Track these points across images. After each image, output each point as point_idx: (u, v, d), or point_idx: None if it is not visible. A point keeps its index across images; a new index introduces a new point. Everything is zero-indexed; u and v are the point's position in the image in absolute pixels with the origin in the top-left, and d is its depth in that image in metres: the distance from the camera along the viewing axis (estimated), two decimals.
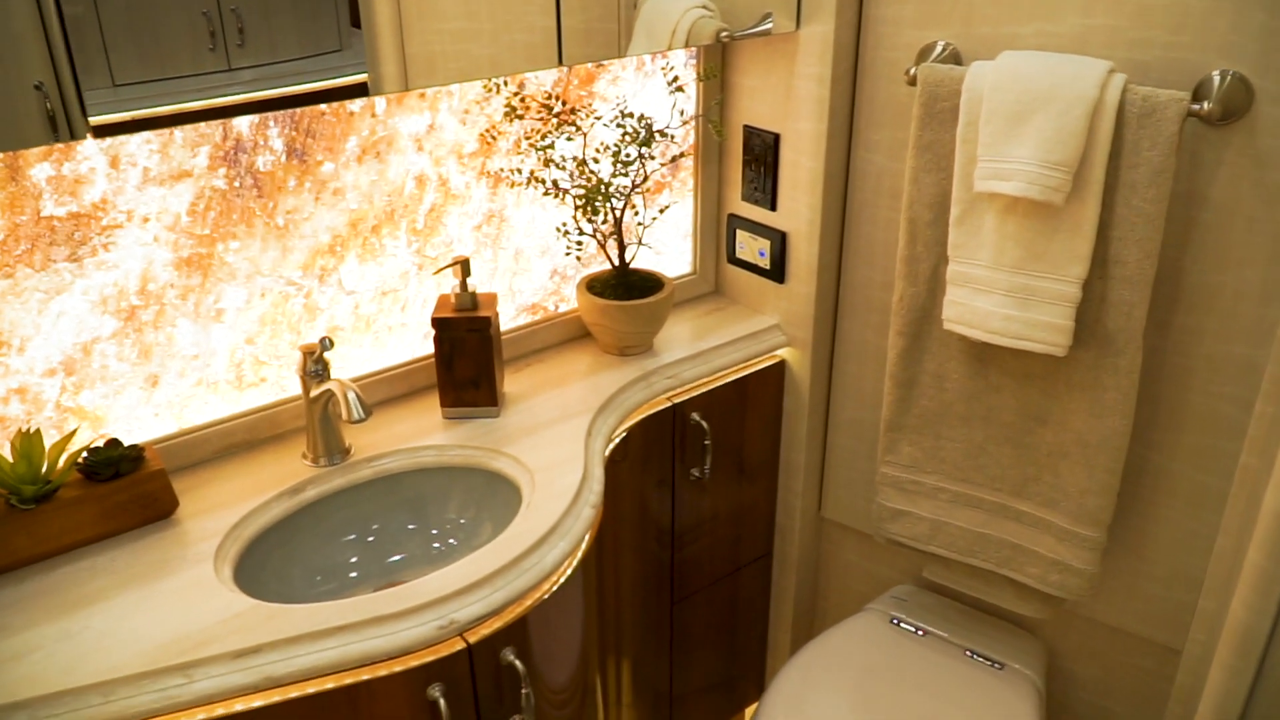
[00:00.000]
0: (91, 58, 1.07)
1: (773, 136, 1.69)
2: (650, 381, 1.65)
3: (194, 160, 1.30)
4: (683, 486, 1.73)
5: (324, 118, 1.38)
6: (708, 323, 1.81)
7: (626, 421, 1.59)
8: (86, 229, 1.25)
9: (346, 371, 1.52)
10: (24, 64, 1.02)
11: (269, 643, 1.13)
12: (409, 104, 1.45)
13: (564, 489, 1.36)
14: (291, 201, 1.39)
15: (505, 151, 1.56)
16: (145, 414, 1.38)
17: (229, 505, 1.33)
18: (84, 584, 1.21)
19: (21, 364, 1.26)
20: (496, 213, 1.60)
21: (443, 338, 1.48)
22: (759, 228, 1.76)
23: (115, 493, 1.26)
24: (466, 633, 1.20)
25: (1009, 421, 1.56)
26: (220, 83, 1.16)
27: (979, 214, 1.45)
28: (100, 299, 1.29)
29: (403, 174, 1.48)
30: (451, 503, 1.46)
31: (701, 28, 1.56)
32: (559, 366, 1.67)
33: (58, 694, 1.06)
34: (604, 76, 1.63)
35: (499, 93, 1.51)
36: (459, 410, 1.52)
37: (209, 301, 1.37)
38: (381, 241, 1.49)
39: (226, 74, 1.16)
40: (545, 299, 1.72)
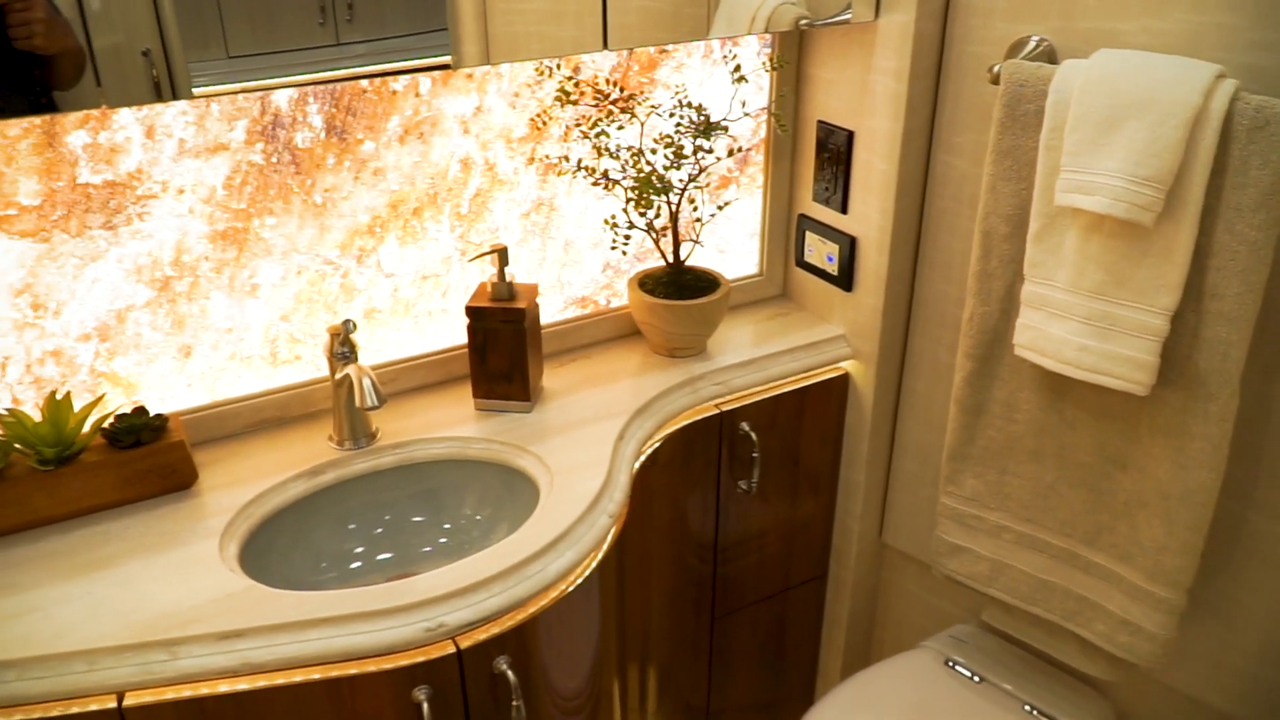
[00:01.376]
0: (208, 29, 1.11)
1: (846, 134, 1.58)
2: (696, 387, 1.57)
3: (231, 134, 1.29)
4: (729, 499, 1.65)
5: (365, 95, 1.35)
6: (769, 328, 1.72)
7: (667, 428, 1.51)
8: (122, 198, 1.26)
9: (383, 355, 1.50)
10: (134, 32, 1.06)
11: (252, 628, 1.11)
12: (455, 84, 1.40)
13: (581, 495, 1.30)
14: (330, 180, 1.37)
15: (557, 138, 1.50)
16: (178, 384, 1.38)
17: (248, 482, 1.33)
18: (95, 549, 1.22)
19: (57, 327, 1.28)
20: (546, 201, 1.54)
21: (476, 327, 1.44)
22: (829, 231, 1.65)
23: (135, 460, 1.27)
24: (459, 637, 1.16)
25: (1083, 462, 1.41)
26: (328, 57, 1.18)
27: (1059, 230, 1.31)
28: (135, 268, 1.30)
29: (447, 156, 1.44)
30: (469, 498, 1.43)
31: (783, 14, 1.47)
32: (604, 364, 1.60)
33: (45, 657, 1.07)
34: (667, 63, 1.56)
35: (552, 76, 1.45)
36: (490, 403, 1.48)
37: (244, 276, 1.37)
38: (423, 225, 1.46)
39: (334, 49, 1.18)
40: (596, 293, 1.66)
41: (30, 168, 1.19)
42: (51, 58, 1.01)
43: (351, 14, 1.20)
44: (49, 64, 1.02)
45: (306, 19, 1.16)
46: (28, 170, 1.19)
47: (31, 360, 1.28)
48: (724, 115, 1.52)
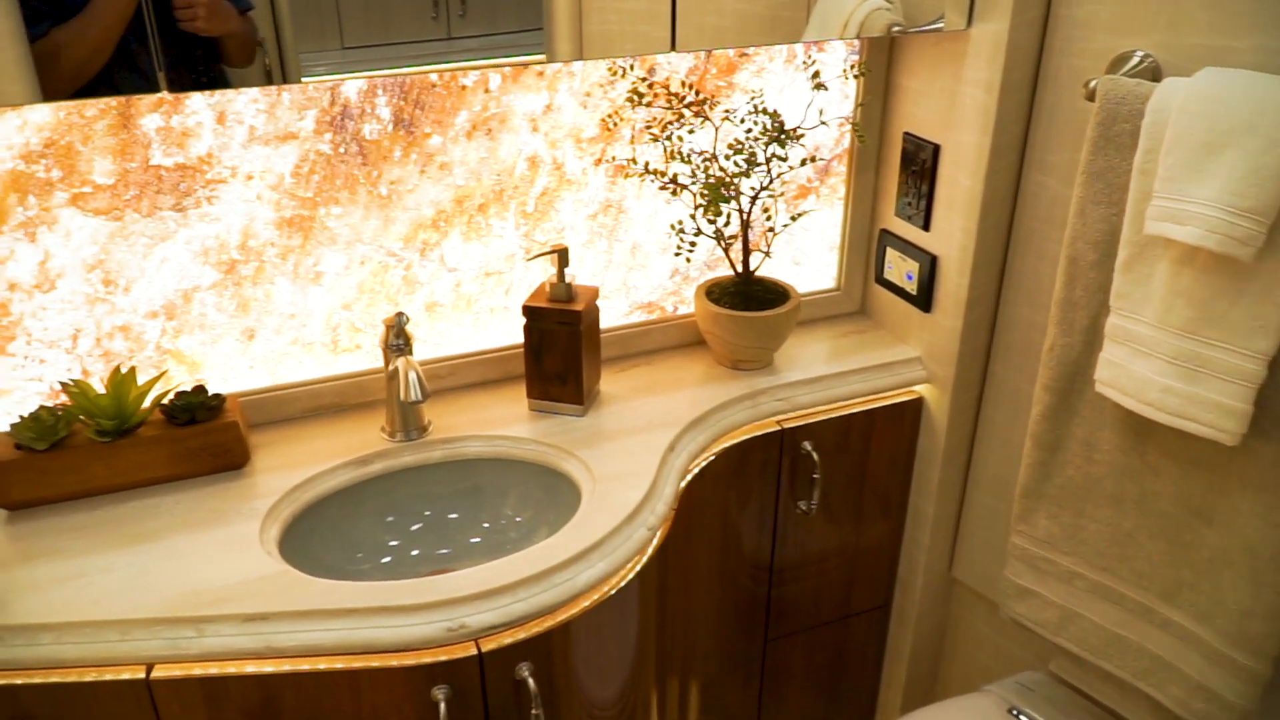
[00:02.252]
0: (325, 20, 1.14)
1: (933, 147, 1.50)
2: (757, 401, 1.52)
3: (300, 123, 1.31)
4: (786, 519, 1.59)
5: (434, 89, 1.35)
6: (842, 345, 1.65)
7: (723, 441, 1.47)
8: (192, 181, 1.29)
9: (442, 349, 1.51)
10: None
11: (277, 612, 1.12)
12: (525, 82, 1.39)
13: (621, 505, 1.28)
14: (396, 172, 1.38)
15: (628, 139, 1.48)
16: (240, 365, 1.41)
17: (299, 466, 1.35)
18: (144, 521, 1.25)
19: (126, 304, 1.32)
20: (614, 203, 1.52)
21: (532, 327, 1.42)
22: (909, 248, 1.58)
23: (189, 438, 1.30)
24: (481, 640, 1.15)
25: (1165, 511, 1.31)
26: (438, 50, 1.20)
27: (1149, 261, 1.21)
28: (202, 250, 1.33)
29: (514, 154, 1.43)
30: (511, 498, 1.41)
31: (876, 20, 1.41)
32: (665, 372, 1.57)
33: (81, 623, 1.10)
34: (747, 67, 1.51)
35: (625, 76, 1.43)
36: (543, 404, 1.46)
37: (308, 263, 1.39)
38: (487, 221, 1.46)
39: (445, 42, 1.20)
40: (663, 299, 1.62)
41: (105, 148, 1.23)
42: (216, 40, 1.06)
43: (465, 9, 1.22)
44: (216, 45, 1.07)
45: (420, 13, 1.18)
46: (103, 150, 1.23)
47: (101, 334, 1.33)
48: (800, 123, 1.46)
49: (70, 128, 1.21)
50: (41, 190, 1.23)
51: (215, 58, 1.08)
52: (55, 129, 1.20)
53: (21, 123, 1.19)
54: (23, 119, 1.19)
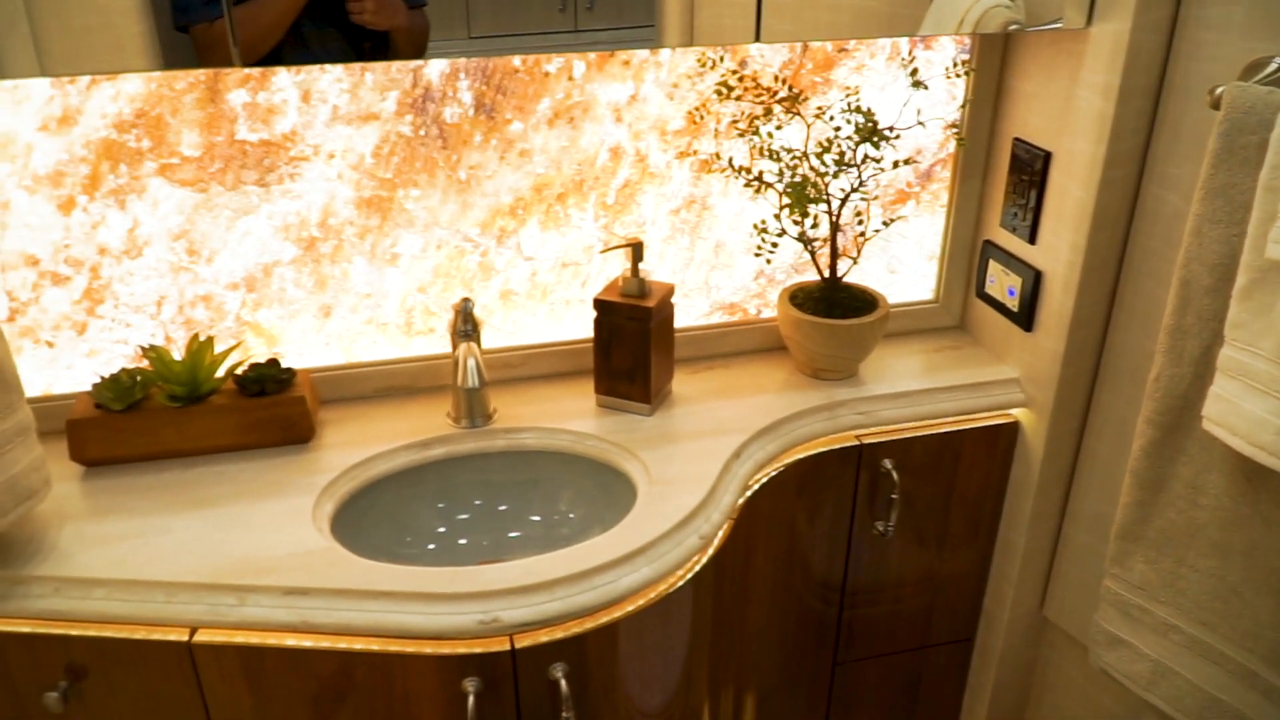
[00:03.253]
0: (452, 9, 1.16)
1: (1043, 155, 1.40)
2: (835, 413, 1.45)
3: (382, 104, 1.31)
4: (861, 540, 1.51)
5: (517, 75, 1.33)
6: (935, 361, 1.56)
7: (796, 453, 1.40)
8: (275, 157, 1.31)
9: (516, 338, 1.49)
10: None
11: (316, 588, 1.12)
12: (611, 71, 1.36)
13: (673, 510, 1.23)
14: (476, 157, 1.37)
15: (716, 133, 1.43)
16: (316, 341, 1.43)
17: (362, 445, 1.36)
18: (207, 486, 1.28)
19: (209, 274, 1.36)
20: (699, 199, 1.47)
21: (602, 321, 1.39)
22: (1013, 261, 1.48)
23: (258, 409, 1.32)
24: (516, 636, 1.12)
25: (1277, 567, 1.18)
26: (564, 42, 1.22)
27: (1271, 289, 1.09)
28: (283, 225, 1.35)
29: (596, 144, 1.40)
30: (566, 494, 1.39)
31: (993, 16, 1.33)
32: (742, 376, 1.51)
33: (132, 581, 1.13)
34: (846, 63, 1.44)
35: (714, 68, 1.38)
36: (610, 400, 1.43)
37: (385, 244, 1.39)
38: (566, 211, 1.43)
39: (571, 34, 1.20)
40: (746, 300, 1.57)
41: (193, 120, 1.26)
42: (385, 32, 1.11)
43: (592, 2, 1.21)
44: (386, 37, 1.11)
45: (549, 4, 1.18)
46: (191, 123, 1.26)
47: (184, 302, 1.36)
48: (895, 123, 1.38)
49: (160, 99, 1.24)
50: (132, 159, 1.27)
51: (384, 49, 1.12)
52: (146, 100, 1.24)
53: (115, 92, 1.23)
54: (116, 89, 1.23)
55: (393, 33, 1.11)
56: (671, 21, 1.25)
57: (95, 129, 1.24)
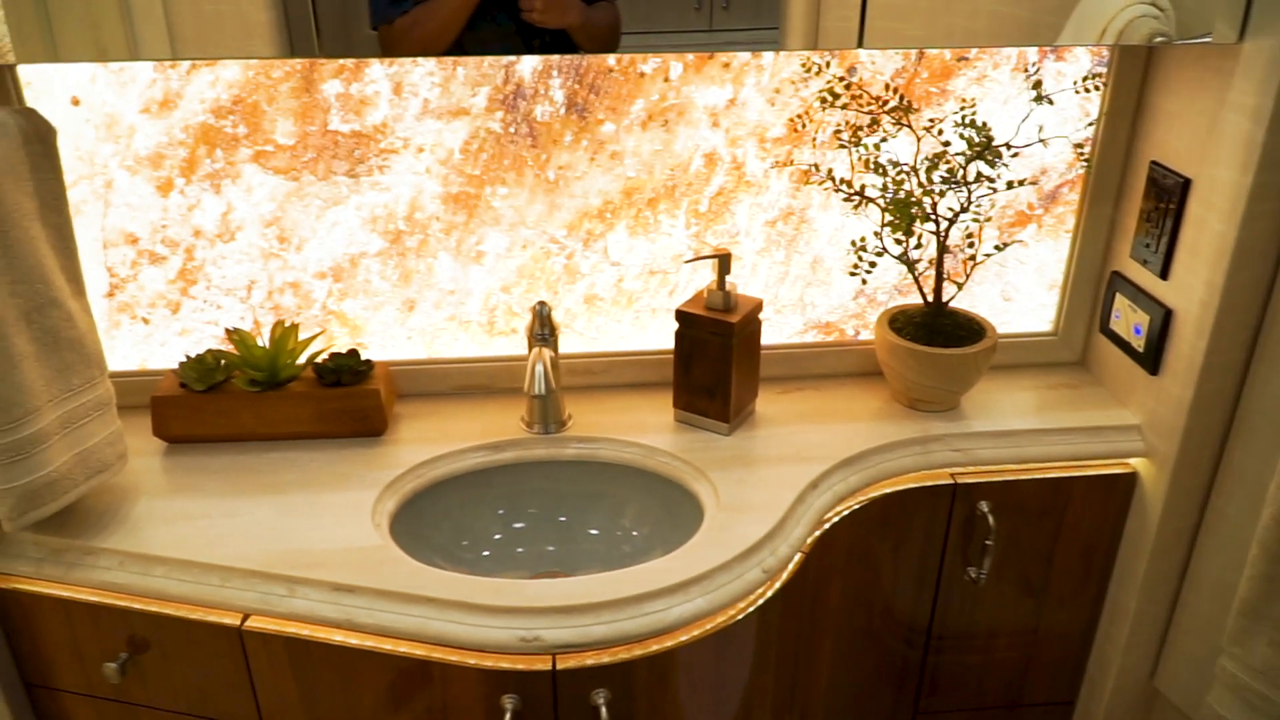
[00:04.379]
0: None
1: (1182, 182, 1.26)
2: (929, 449, 1.35)
3: (473, 99, 1.29)
4: (951, 584, 1.41)
5: (611, 74, 1.29)
6: (1048, 399, 1.44)
7: (882, 487, 1.31)
8: (366, 149, 1.31)
9: (599, 344, 1.45)
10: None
11: (362, 587, 1.11)
12: (709, 73, 1.30)
13: (737, 540, 1.17)
14: (565, 157, 1.33)
15: (814, 143, 1.35)
16: (399, 335, 1.43)
17: (433, 442, 1.34)
18: (277, 473, 1.29)
19: (297, 261, 1.37)
20: (797, 211, 1.40)
21: (684, 334, 1.33)
22: (1141, 296, 1.34)
23: (332, 399, 1.33)
24: (558, 656, 1.08)
25: None
26: (698, 41, 1.20)
27: None
28: (371, 217, 1.35)
29: (691, 148, 1.34)
30: (631, 510, 1.33)
31: (1138, 27, 1.21)
32: (832, 400, 1.43)
33: (190, 563, 1.15)
34: (966, 73, 1.33)
35: (820, 74, 1.30)
36: (688, 416, 1.37)
37: (470, 241, 1.37)
38: (656, 217, 1.38)
39: (705, 34, 1.18)
40: (844, 320, 1.48)
41: (288, 110, 1.27)
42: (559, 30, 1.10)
43: (729, 3, 1.17)
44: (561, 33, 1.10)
45: (684, 3, 1.15)
46: (286, 111, 1.27)
47: (273, 288, 1.38)
48: (1013, 140, 1.28)
49: (257, 87, 1.26)
50: (228, 145, 1.29)
51: (560, 45, 1.10)
52: (244, 87, 1.26)
53: (214, 78, 1.25)
54: (215, 75, 1.25)
55: (568, 31, 1.09)
56: (795, 24, 1.19)
57: (194, 113, 1.27)
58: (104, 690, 1.22)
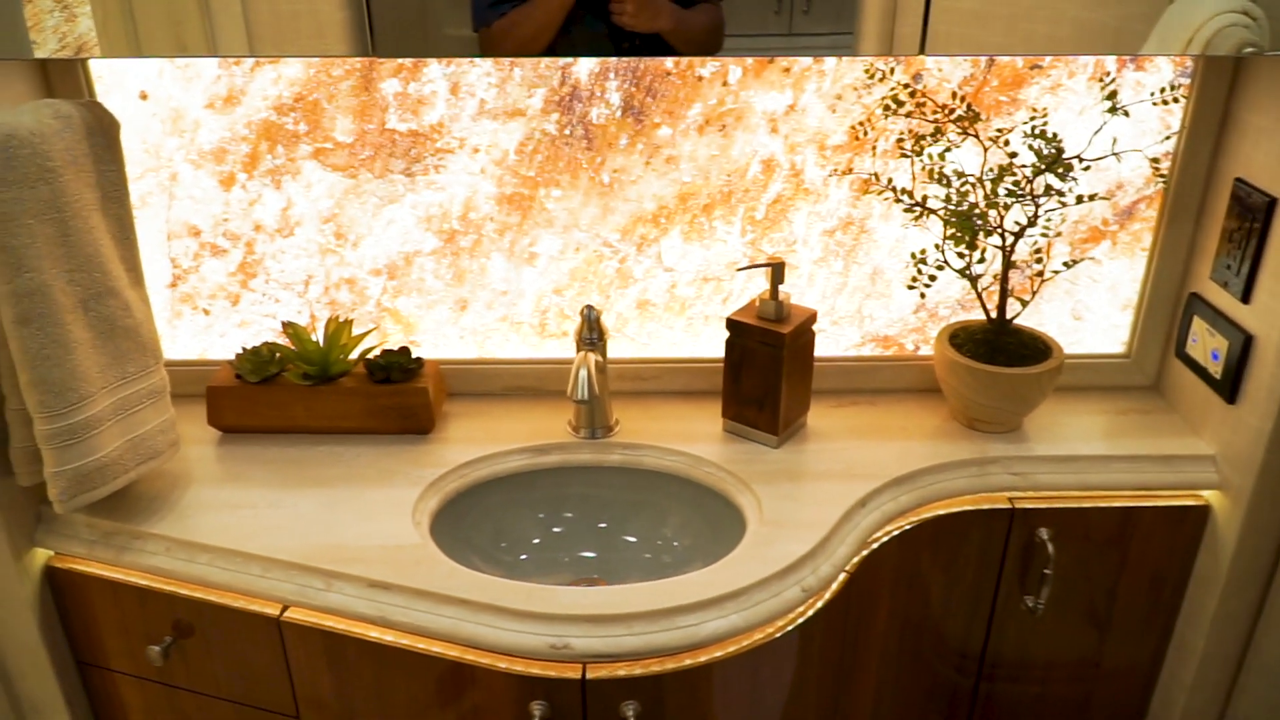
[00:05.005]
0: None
1: (1268, 201, 1.19)
2: (986, 471, 1.30)
3: (529, 100, 1.28)
4: (1007, 612, 1.35)
5: (668, 78, 1.27)
6: (1117, 424, 1.37)
7: (935, 508, 1.27)
8: (422, 148, 1.31)
9: (650, 350, 1.44)
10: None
11: (398, 585, 1.11)
12: (768, 78, 1.27)
13: (777, 556, 1.14)
14: (620, 160, 1.32)
15: (874, 150, 1.31)
16: (451, 334, 1.43)
17: (479, 443, 1.34)
18: (324, 467, 1.30)
19: (353, 258, 1.38)
20: (857, 221, 1.36)
21: (734, 342, 1.31)
22: (1220, 320, 1.27)
23: (381, 395, 1.33)
24: (589, 665, 1.07)
25: None
26: (777, 45, 1.18)
27: None
28: (425, 216, 1.35)
29: (748, 154, 1.32)
30: (673, 520, 1.31)
31: (1228, 36, 1.14)
32: (888, 416, 1.39)
33: (233, 552, 1.16)
34: (1039, 81, 1.28)
35: (884, 80, 1.26)
36: (737, 426, 1.35)
37: (524, 243, 1.37)
38: (711, 223, 1.36)
39: (785, 38, 1.17)
40: (903, 335, 1.43)
41: (348, 108, 1.28)
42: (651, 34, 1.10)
43: (809, 6, 1.16)
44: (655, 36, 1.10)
45: (764, 6, 1.14)
46: (345, 109, 1.29)
47: (330, 283, 1.39)
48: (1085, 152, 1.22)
49: (318, 85, 1.27)
50: (289, 141, 1.30)
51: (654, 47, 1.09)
52: (305, 85, 1.27)
53: (276, 76, 1.27)
54: (278, 72, 1.26)
55: (661, 35, 1.08)
56: (870, 29, 1.16)
57: (257, 110, 1.29)
58: (148, 672, 1.24)
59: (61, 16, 1.07)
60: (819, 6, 1.13)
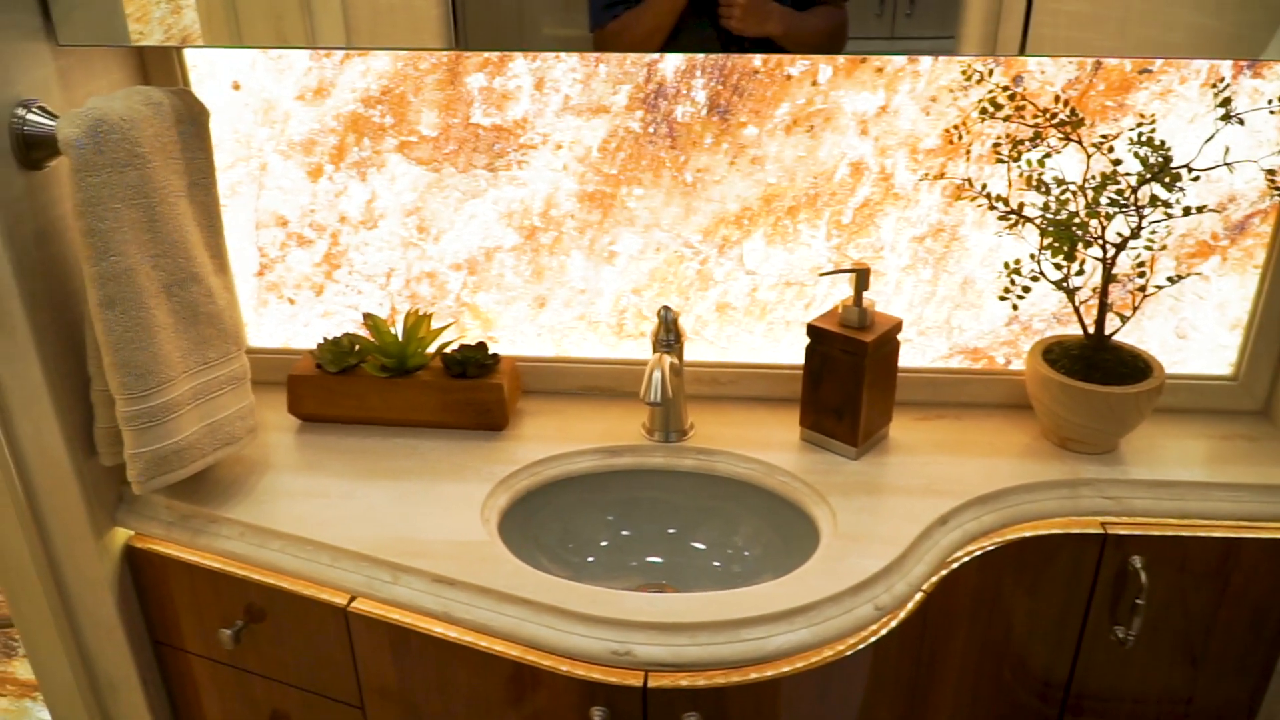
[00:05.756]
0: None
1: None
2: (1077, 493, 1.24)
3: (613, 97, 1.27)
4: (1095, 642, 1.29)
5: (755, 77, 1.24)
6: (1222, 450, 1.29)
7: (1021, 529, 1.21)
8: (505, 143, 1.31)
9: (729, 354, 1.41)
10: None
11: (462, 581, 1.10)
12: (860, 78, 1.23)
13: (850, 572, 1.10)
14: (704, 160, 1.29)
15: (967, 154, 1.26)
16: (529, 331, 1.42)
17: (552, 441, 1.33)
18: (398, 459, 1.30)
19: (435, 252, 1.38)
20: (948, 228, 1.31)
21: (814, 349, 1.27)
22: None
23: (457, 390, 1.33)
24: (651, 673, 1.04)
25: None
26: (878, 49, 1.16)
27: None
28: (507, 211, 1.35)
29: (836, 156, 1.28)
30: (744, 528, 1.28)
31: None
32: (975, 432, 1.33)
33: (304, 540, 1.17)
34: (1150, 86, 1.21)
35: (982, 82, 1.21)
36: (815, 436, 1.31)
37: (604, 241, 1.35)
38: (796, 226, 1.32)
39: (886, 41, 1.15)
40: (994, 347, 1.38)
41: (433, 101, 1.29)
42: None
43: (912, 9, 1.13)
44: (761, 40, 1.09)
45: (864, 8, 1.12)
46: (431, 103, 1.29)
47: (411, 276, 1.40)
48: (1194, 161, 1.15)
49: (405, 78, 1.28)
50: (375, 134, 1.31)
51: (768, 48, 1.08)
52: (392, 78, 1.28)
53: (365, 69, 1.27)
54: (366, 65, 1.27)
55: (772, 39, 1.07)
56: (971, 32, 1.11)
57: (345, 102, 1.30)
58: (220, 655, 1.26)
59: (168, 8, 1.09)
60: (921, 9, 1.10)
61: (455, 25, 1.06)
